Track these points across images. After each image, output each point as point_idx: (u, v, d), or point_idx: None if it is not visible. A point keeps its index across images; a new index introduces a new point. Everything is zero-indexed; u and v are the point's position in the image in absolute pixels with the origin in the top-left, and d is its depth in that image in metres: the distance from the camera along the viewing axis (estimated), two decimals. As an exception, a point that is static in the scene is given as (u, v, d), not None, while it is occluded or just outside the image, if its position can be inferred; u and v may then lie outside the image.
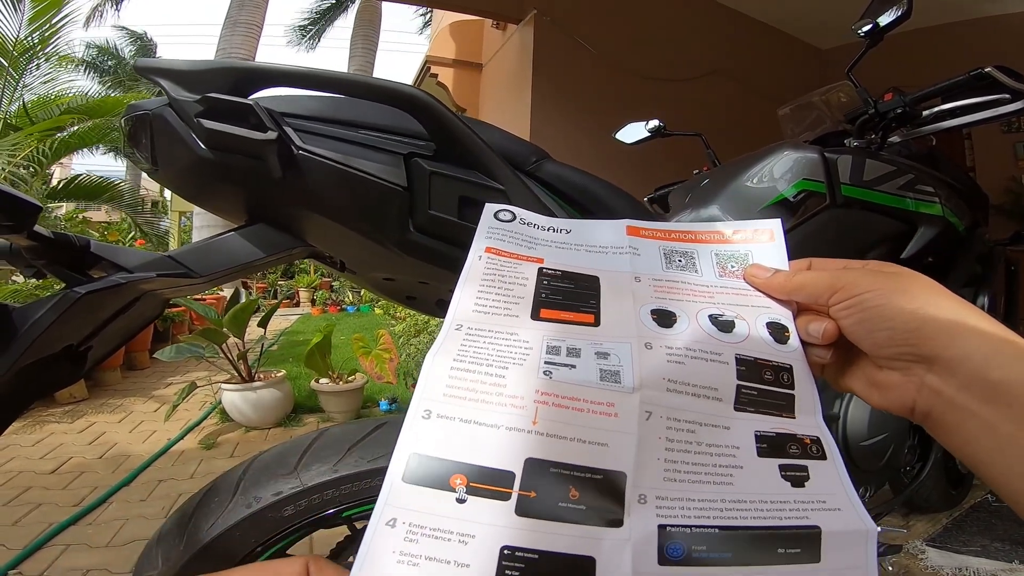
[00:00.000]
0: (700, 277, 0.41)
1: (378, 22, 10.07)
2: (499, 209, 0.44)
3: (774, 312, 0.38)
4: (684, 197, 1.26)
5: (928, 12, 3.80)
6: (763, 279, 0.40)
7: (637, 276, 0.40)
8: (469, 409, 0.31)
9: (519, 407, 0.31)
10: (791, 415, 0.34)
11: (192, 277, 0.61)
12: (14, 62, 5.46)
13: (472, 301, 0.38)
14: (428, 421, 0.31)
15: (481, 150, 0.61)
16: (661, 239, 0.44)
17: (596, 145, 3.01)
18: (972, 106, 1.11)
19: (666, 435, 0.32)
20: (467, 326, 0.36)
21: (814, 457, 0.33)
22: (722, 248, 0.43)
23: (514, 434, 0.30)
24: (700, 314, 0.37)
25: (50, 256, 0.59)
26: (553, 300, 0.38)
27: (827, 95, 1.42)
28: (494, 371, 0.33)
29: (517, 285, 0.39)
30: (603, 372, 0.33)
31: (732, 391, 0.34)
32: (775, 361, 0.36)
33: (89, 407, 3.42)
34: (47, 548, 1.77)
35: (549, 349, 0.35)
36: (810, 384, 0.36)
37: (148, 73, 0.62)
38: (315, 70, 0.60)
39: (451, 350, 0.34)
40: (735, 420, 0.33)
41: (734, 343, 0.36)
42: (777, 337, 0.37)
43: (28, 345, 0.52)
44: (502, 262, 0.40)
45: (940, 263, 1.18)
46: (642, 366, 0.34)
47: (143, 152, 0.64)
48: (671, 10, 4.69)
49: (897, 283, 0.33)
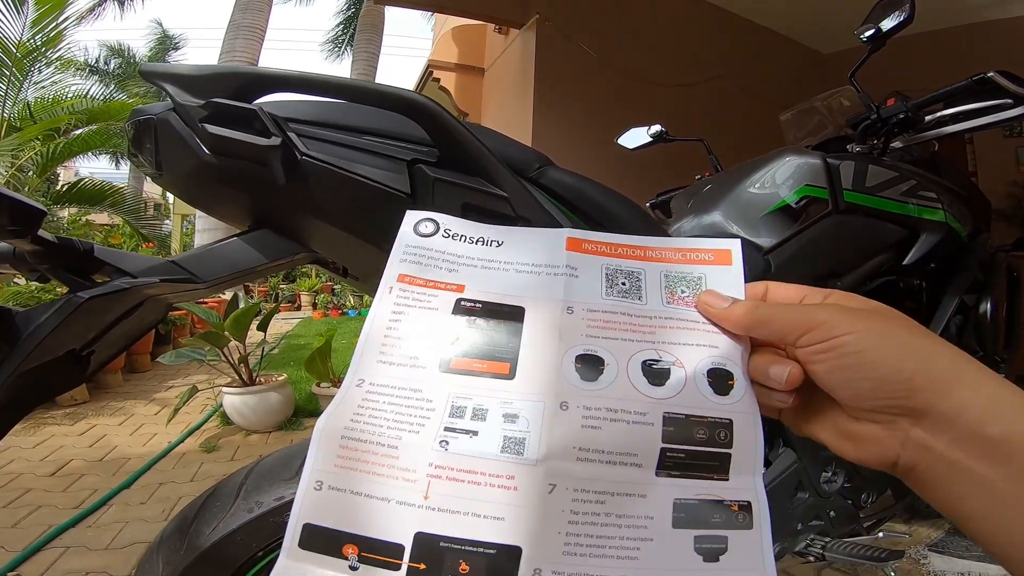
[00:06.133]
0: (643, 306, 0.36)
1: (381, 26, 10.10)
2: (420, 219, 0.40)
3: (720, 354, 0.34)
4: (686, 203, 1.26)
5: (930, 16, 3.81)
6: (718, 310, 0.35)
7: (570, 306, 0.36)
8: (360, 482, 0.31)
9: (410, 480, 0.31)
10: (724, 477, 0.32)
11: (195, 282, 0.61)
12: (18, 64, 5.48)
13: (377, 349, 0.35)
14: (319, 492, 0.31)
15: (484, 157, 0.61)
16: (605, 255, 0.39)
17: (598, 150, 3.01)
18: (975, 111, 1.11)
19: (571, 507, 0.30)
20: (369, 381, 0.34)
21: (738, 526, 0.31)
22: (673, 269, 0.38)
23: (404, 508, 0.30)
24: (633, 360, 0.34)
25: (54, 260, 0.59)
26: (467, 345, 0.35)
27: (829, 100, 1.42)
28: (387, 441, 0.32)
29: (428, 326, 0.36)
30: (506, 441, 0.31)
31: (655, 455, 0.31)
32: (712, 417, 0.32)
33: (90, 409, 3.42)
34: (47, 550, 1.77)
35: (453, 411, 0.33)
36: (753, 438, 0.32)
37: (153, 78, 0.62)
38: (319, 76, 0.61)
39: (346, 414, 0.33)
40: (654, 487, 0.31)
41: (665, 398, 0.33)
42: (719, 387, 0.33)
43: (31, 349, 0.52)
44: (415, 295, 0.37)
45: (942, 269, 1.18)
46: (552, 433, 0.31)
47: (147, 157, 0.64)
48: (673, 15, 4.70)
49: (879, 325, 0.30)
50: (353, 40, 10.77)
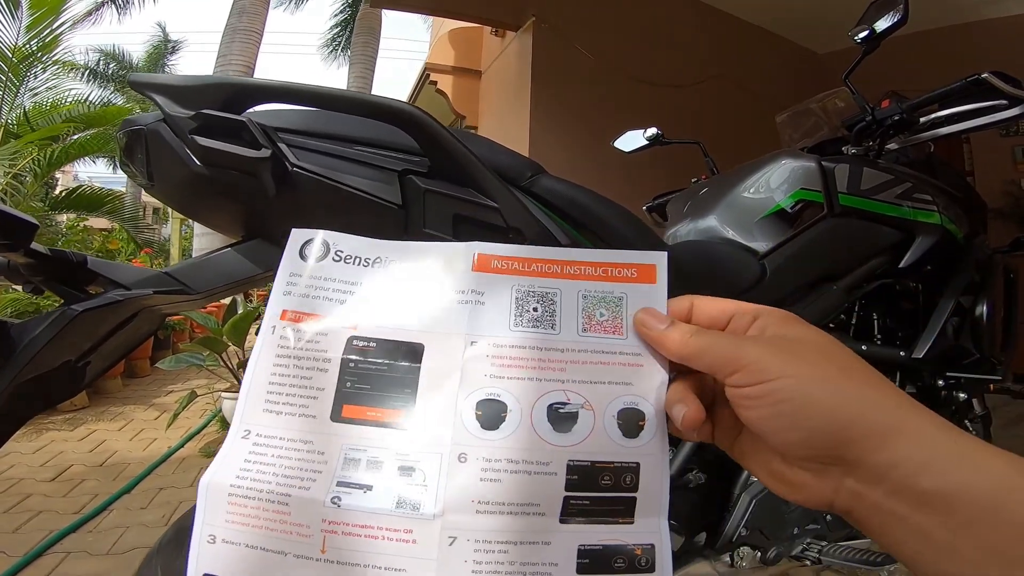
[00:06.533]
0: (555, 336, 0.34)
1: (378, 29, 10.08)
2: (307, 239, 0.36)
3: (634, 392, 0.32)
4: (683, 206, 1.26)
5: (925, 15, 3.81)
6: (657, 332, 0.33)
7: (473, 340, 0.33)
8: (253, 536, 0.30)
9: (305, 535, 0.30)
10: (628, 520, 0.31)
11: (189, 293, 0.61)
12: (14, 68, 5.47)
13: (262, 397, 0.33)
14: (213, 545, 0.30)
15: (475, 166, 0.61)
16: (517, 273, 0.36)
17: (594, 151, 3.01)
18: (970, 112, 1.11)
19: (473, 558, 0.29)
20: (255, 432, 0.32)
21: (640, 570, 0.30)
22: (592, 288, 0.35)
23: (303, 561, 0.29)
24: (539, 404, 0.32)
25: (47, 273, 0.59)
26: (360, 391, 0.33)
27: (824, 101, 1.42)
28: (276, 498, 0.30)
29: (317, 371, 0.33)
30: (402, 497, 0.30)
31: (558, 504, 0.30)
32: (618, 462, 0.31)
33: (90, 415, 3.42)
34: (47, 556, 1.77)
35: (346, 463, 0.31)
36: (659, 480, 0.31)
37: (142, 88, 0.62)
38: (308, 86, 0.60)
39: (232, 467, 0.31)
40: (559, 534, 0.30)
41: (570, 446, 0.31)
42: (628, 429, 0.32)
43: (26, 362, 0.53)
44: (299, 336, 0.34)
45: (939, 272, 1.18)
46: (449, 486, 0.30)
47: (139, 167, 0.64)
48: (668, 15, 4.70)
49: (814, 369, 0.28)
50: (350, 43, 10.75)
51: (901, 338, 1.20)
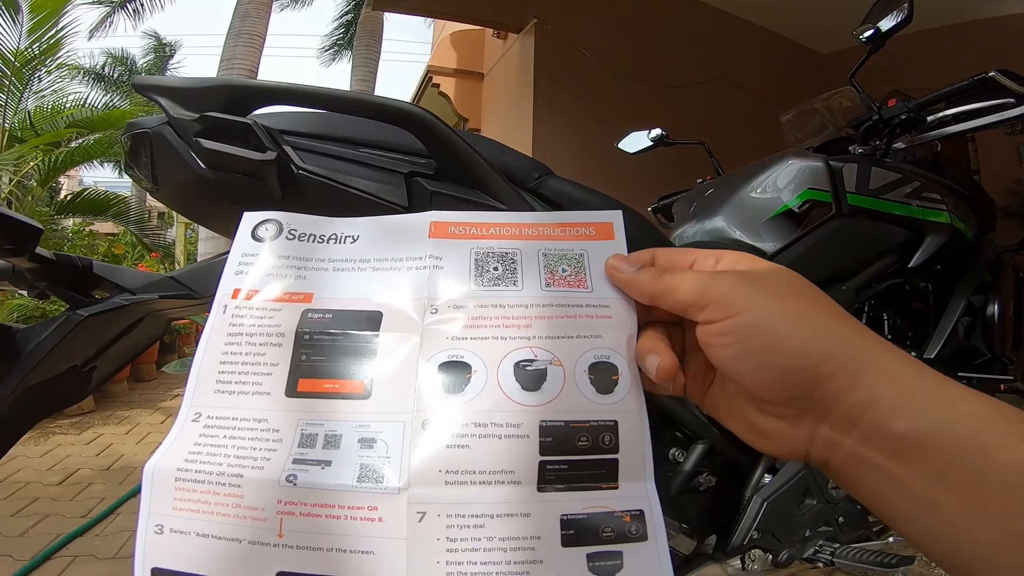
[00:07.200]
0: (518, 292, 0.33)
1: (380, 32, 10.10)
2: (259, 221, 0.36)
3: (604, 344, 0.31)
4: (688, 207, 1.25)
5: (930, 13, 3.80)
6: (628, 275, 0.32)
7: (433, 305, 0.32)
8: (203, 523, 0.28)
9: (260, 519, 0.27)
10: (612, 485, 0.29)
11: (194, 298, 0.60)
12: (16, 72, 5.49)
13: (213, 377, 0.31)
14: (161, 536, 0.28)
15: (482, 168, 0.61)
16: (474, 237, 0.35)
17: (598, 153, 3.00)
18: (977, 111, 1.10)
19: (446, 535, 0.27)
20: (207, 414, 0.30)
21: (632, 539, 0.28)
22: (552, 246, 0.35)
23: (259, 548, 0.27)
24: (504, 363, 0.31)
25: (52, 277, 0.59)
26: (316, 363, 0.31)
27: (830, 101, 1.41)
28: (227, 480, 0.28)
29: (271, 346, 0.32)
30: (363, 470, 0.28)
31: (534, 470, 0.28)
32: (593, 421, 0.29)
33: (96, 419, 3.43)
34: (54, 559, 1.77)
35: (303, 439, 0.29)
36: (640, 439, 0.30)
37: (146, 91, 0.62)
38: (314, 88, 0.60)
39: (180, 452, 0.29)
40: (538, 504, 0.28)
41: (540, 405, 0.29)
42: (601, 384, 0.30)
43: (32, 367, 0.52)
44: (253, 311, 0.33)
45: (948, 271, 1.17)
46: (414, 456, 0.28)
47: (144, 171, 0.63)
48: (671, 16, 4.70)
49: (784, 300, 0.27)
50: (353, 46, 10.77)
51: (912, 338, 1.19)
